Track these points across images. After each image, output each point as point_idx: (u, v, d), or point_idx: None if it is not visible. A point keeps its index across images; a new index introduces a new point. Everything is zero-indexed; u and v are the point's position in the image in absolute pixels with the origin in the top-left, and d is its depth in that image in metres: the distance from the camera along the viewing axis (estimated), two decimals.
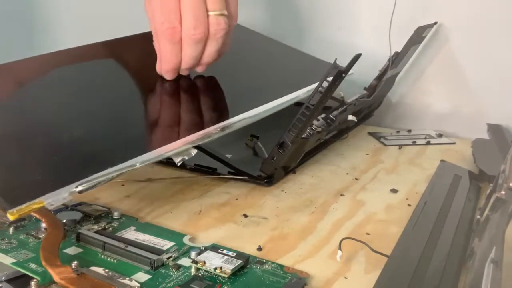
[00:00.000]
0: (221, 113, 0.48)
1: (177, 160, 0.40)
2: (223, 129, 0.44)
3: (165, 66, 0.46)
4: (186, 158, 0.40)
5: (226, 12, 0.45)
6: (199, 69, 0.50)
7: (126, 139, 0.42)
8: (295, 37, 0.72)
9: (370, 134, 0.66)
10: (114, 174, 0.35)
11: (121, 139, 0.42)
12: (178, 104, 0.49)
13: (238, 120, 0.46)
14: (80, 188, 0.33)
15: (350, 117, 0.55)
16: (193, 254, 0.33)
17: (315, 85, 0.42)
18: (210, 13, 0.43)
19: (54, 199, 0.32)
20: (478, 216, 0.38)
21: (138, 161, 0.37)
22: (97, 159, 0.38)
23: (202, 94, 0.51)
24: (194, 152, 0.41)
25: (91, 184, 0.34)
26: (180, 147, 0.40)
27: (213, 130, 0.43)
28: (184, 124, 0.45)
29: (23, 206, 0.31)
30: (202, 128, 0.43)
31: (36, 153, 0.38)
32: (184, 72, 0.50)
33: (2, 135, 0.39)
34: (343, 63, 0.41)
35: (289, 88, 0.53)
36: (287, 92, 0.53)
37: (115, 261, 0.33)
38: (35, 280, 0.29)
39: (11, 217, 0.31)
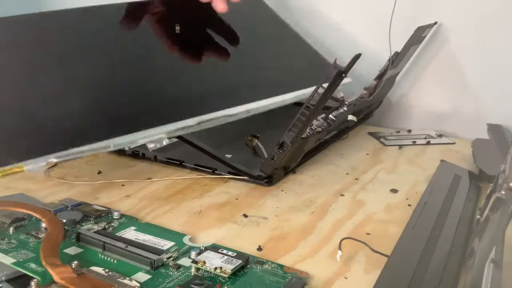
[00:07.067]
0: (200, 105, 0.47)
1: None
2: (199, 123, 0.44)
3: None
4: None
5: None
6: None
7: (104, 119, 0.43)
8: None
9: (370, 134, 0.66)
10: (87, 153, 0.39)
11: (99, 118, 0.43)
12: (159, 90, 0.48)
13: (217, 116, 0.46)
14: (55, 160, 0.37)
15: (350, 117, 0.55)
16: (193, 254, 0.33)
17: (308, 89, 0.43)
18: None
19: (33, 166, 0.36)
20: (478, 216, 0.38)
21: (112, 143, 0.39)
22: (74, 135, 0.40)
23: (188, 83, 0.51)
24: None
25: (66, 157, 0.38)
26: (154, 136, 0.41)
27: (190, 122, 0.43)
28: (161, 112, 0.45)
29: (6, 168, 0.36)
30: (177, 119, 0.43)
31: (20, 124, 0.41)
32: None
33: None
34: (343, 63, 0.41)
35: (287, 88, 0.54)
36: (283, 92, 0.53)
37: (115, 261, 0.33)
38: (35, 280, 0.29)
39: None
